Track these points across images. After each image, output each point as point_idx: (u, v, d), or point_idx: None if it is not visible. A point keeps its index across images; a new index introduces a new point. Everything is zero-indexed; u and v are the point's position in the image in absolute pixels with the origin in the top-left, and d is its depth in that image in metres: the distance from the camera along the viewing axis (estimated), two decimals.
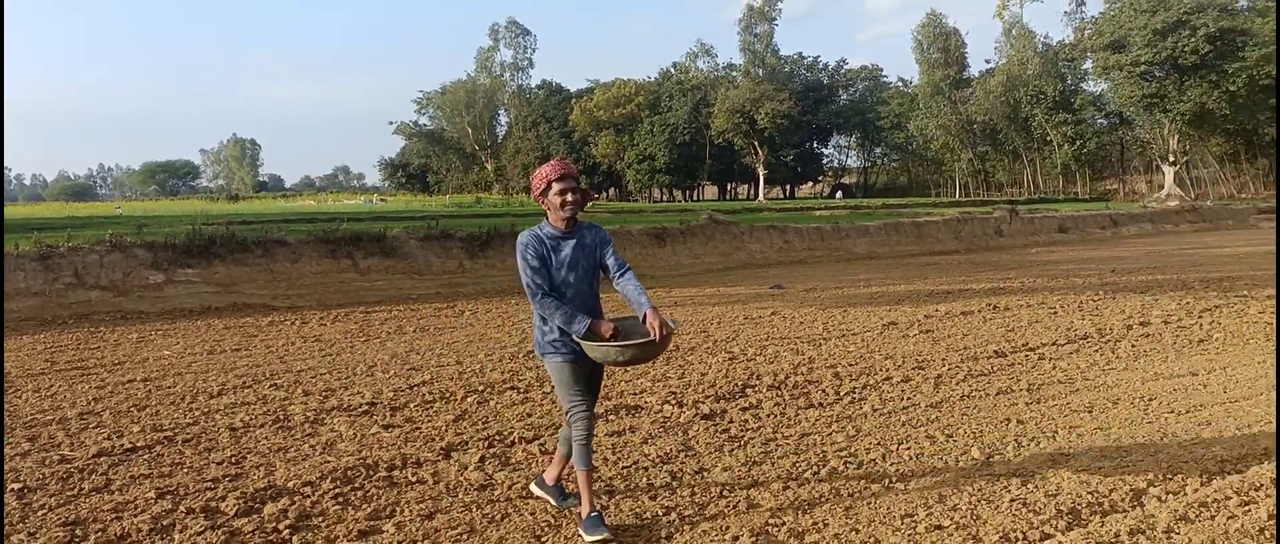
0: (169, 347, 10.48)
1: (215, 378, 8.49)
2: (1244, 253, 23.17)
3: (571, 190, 4.36)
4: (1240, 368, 8.41)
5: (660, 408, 7.04)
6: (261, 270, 15.50)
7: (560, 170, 4.39)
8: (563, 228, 4.42)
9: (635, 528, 4.56)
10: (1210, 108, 61.23)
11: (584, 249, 4.45)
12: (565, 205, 4.36)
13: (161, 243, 14.95)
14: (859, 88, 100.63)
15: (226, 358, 9.67)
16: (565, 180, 4.36)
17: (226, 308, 14.04)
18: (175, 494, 5.12)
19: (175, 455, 5.92)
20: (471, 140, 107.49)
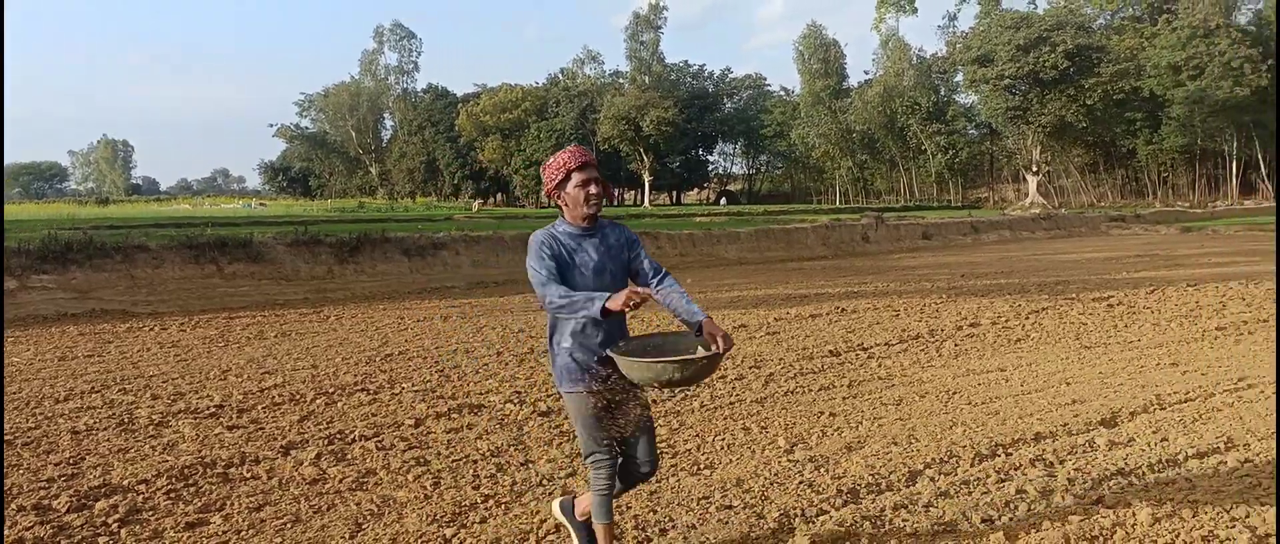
0: (19, 353, 10.37)
1: (63, 383, 8.50)
2: (1087, 259, 24.65)
3: (594, 181, 3.74)
4: (1043, 364, 9.18)
5: (502, 406, 7.39)
6: (122, 276, 15.30)
7: (580, 158, 3.76)
8: (584, 225, 3.78)
9: (452, 513, 4.90)
10: (1069, 120, 64.44)
11: (610, 251, 3.82)
12: (589, 199, 3.73)
13: (15, 248, 14.63)
14: (743, 96, 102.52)
15: (78, 364, 9.64)
16: (587, 169, 3.74)
17: (84, 314, 13.83)
18: (8, 494, 5.25)
19: (13, 458, 6.01)
20: (355, 144, 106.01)
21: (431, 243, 20.33)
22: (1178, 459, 5.72)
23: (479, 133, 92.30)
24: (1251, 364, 8.96)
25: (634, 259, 3.89)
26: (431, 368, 9.14)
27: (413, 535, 4.61)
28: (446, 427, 6.76)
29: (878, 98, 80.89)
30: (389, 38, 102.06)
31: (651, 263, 3.91)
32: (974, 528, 4.62)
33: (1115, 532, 4.53)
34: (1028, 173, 73.17)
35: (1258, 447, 5.97)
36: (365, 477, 5.57)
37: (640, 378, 3.47)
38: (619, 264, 3.83)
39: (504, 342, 10.87)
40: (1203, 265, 21.61)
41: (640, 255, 3.91)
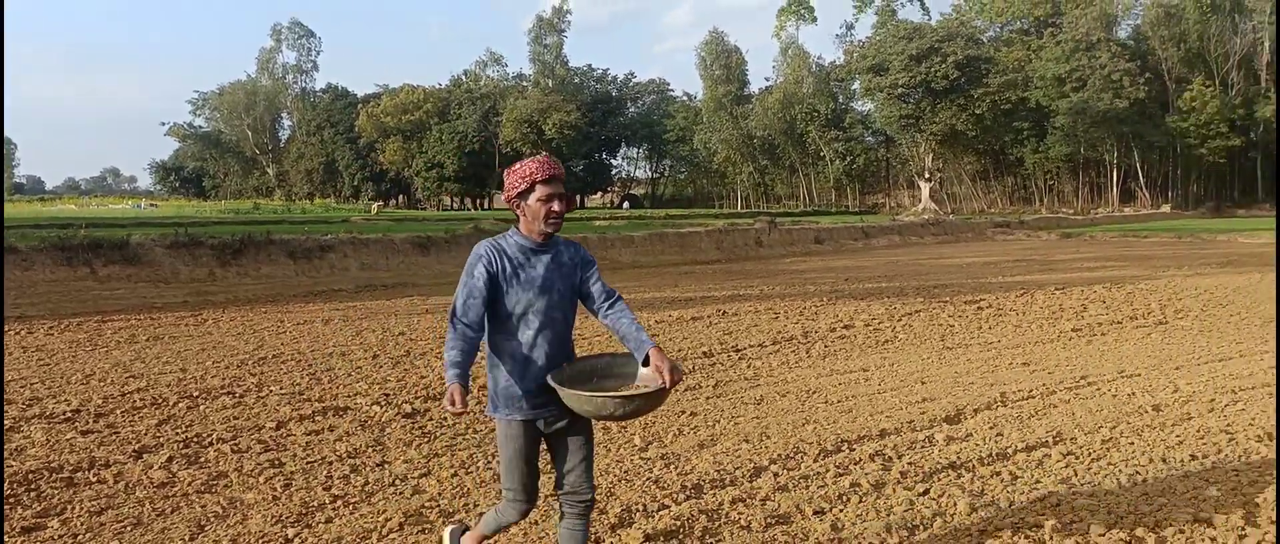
0: None
1: None
2: (968, 263, 25.52)
3: (559, 198, 3.53)
4: (905, 364, 9.55)
5: (368, 408, 7.41)
6: None
7: (548, 171, 3.54)
8: (538, 240, 3.58)
9: (298, 514, 4.93)
10: (959, 128, 66.42)
11: (562, 269, 3.61)
12: (550, 216, 3.53)
13: None
14: (647, 101, 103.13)
15: None
16: (553, 183, 3.52)
17: None
18: None
19: None
20: (251, 144, 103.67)
21: (319, 245, 20.06)
22: (1007, 453, 6.05)
23: (379, 134, 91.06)
24: (1096, 363, 9.46)
25: (585, 280, 3.66)
26: (303, 371, 9.08)
27: (254, 536, 4.63)
28: (307, 429, 6.75)
29: (778, 104, 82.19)
30: (287, 36, 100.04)
31: (603, 287, 3.66)
32: (805, 519, 4.83)
33: (935, 521, 4.79)
34: (920, 179, 75.23)
35: (1083, 440, 6.35)
36: (216, 479, 5.55)
37: (579, 410, 3.34)
38: (569, 284, 3.61)
39: (382, 345, 10.83)
40: (1074, 270, 22.57)
41: (593, 277, 3.66)
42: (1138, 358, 9.80)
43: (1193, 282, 18.48)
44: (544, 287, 3.52)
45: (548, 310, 3.52)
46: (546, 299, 3.52)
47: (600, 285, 3.65)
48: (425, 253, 21.45)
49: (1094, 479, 5.48)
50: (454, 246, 22.32)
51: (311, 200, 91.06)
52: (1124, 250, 31.01)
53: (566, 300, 3.61)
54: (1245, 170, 78.13)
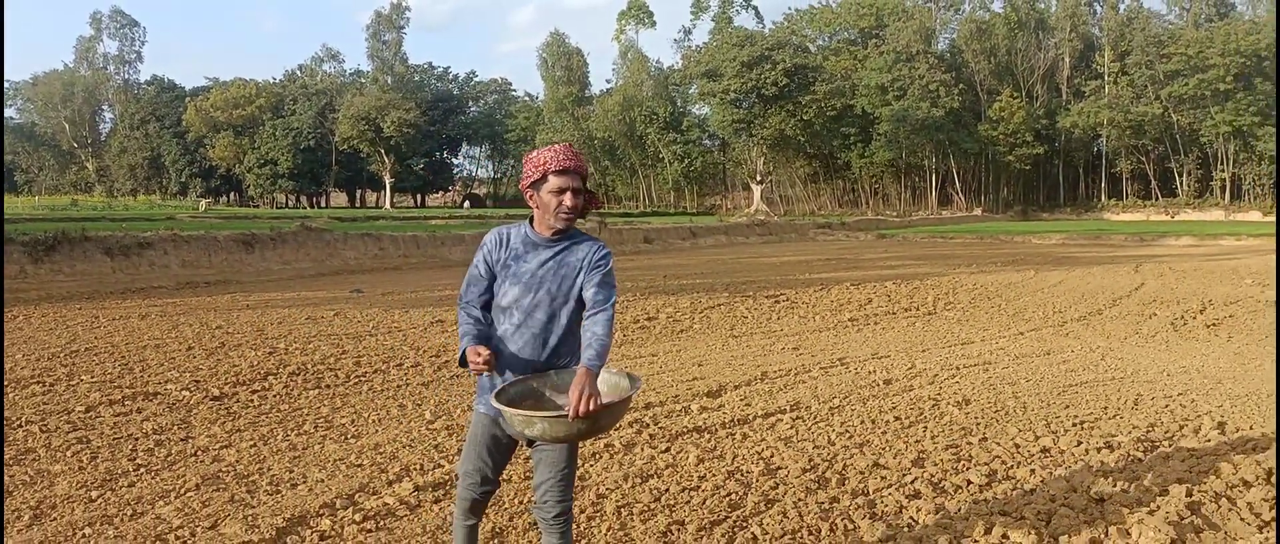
0: None
1: None
2: (784, 261, 27.10)
3: (573, 190, 3.30)
4: (691, 350, 10.56)
5: (177, 393, 7.86)
6: None
7: (564, 160, 3.30)
8: (546, 235, 3.38)
9: (103, 480, 5.46)
10: (788, 133, 69.26)
11: (564, 268, 3.35)
12: (561, 210, 3.31)
13: None
14: (489, 100, 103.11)
15: None
16: (569, 175, 3.29)
17: None
18: None
19: None
20: (69, 137, 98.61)
21: (137, 242, 19.86)
22: (748, 418, 7.05)
23: (209, 129, 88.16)
24: (857, 348, 10.70)
25: (586, 284, 3.33)
26: (116, 362, 9.40)
27: (60, 498, 5.15)
28: (116, 412, 7.19)
29: (618, 106, 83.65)
30: (108, 25, 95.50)
31: (598, 293, 3.29)
32: None
33: (666, 471, 5.70)
34: (753, 182, 77.99)
35: (815, 407, 7.42)
36: (23, 454, 5.99)
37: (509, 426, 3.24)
38: (565, 285, 3.34)
39: (198, 338, 11.17)
40: (876, 267, 24.36)
41: (592, 281, 3.31)
42: (894, 343, 11.11)
43: (974, 278, 20.34)
44: (530, 283, 3.34)
45: (530, 308, 3.33)
46: (531, 297, 3.33)
47: (594, 291, 3.30)
48: (250, 251, 21.47)
49: (810, 436, 6.52)
50: (280, 245, 22.39)
51: (135, 197, 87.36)
52: (927, 250, 33.37)
53: (556, 301, 3.35)
54: (1050, 176, 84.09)
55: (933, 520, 4.81)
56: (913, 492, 5.30)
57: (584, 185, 3.35)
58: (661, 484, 5.43)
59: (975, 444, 6.32)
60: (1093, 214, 74.69)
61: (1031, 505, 4.95)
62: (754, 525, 4.77)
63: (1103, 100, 73.99)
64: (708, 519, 4.85)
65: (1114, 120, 72.31)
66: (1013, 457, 6.02)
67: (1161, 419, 7.07)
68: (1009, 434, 6.58)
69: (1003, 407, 7.47)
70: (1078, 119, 74.71)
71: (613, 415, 3.09)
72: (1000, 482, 5.49)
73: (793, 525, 4.77)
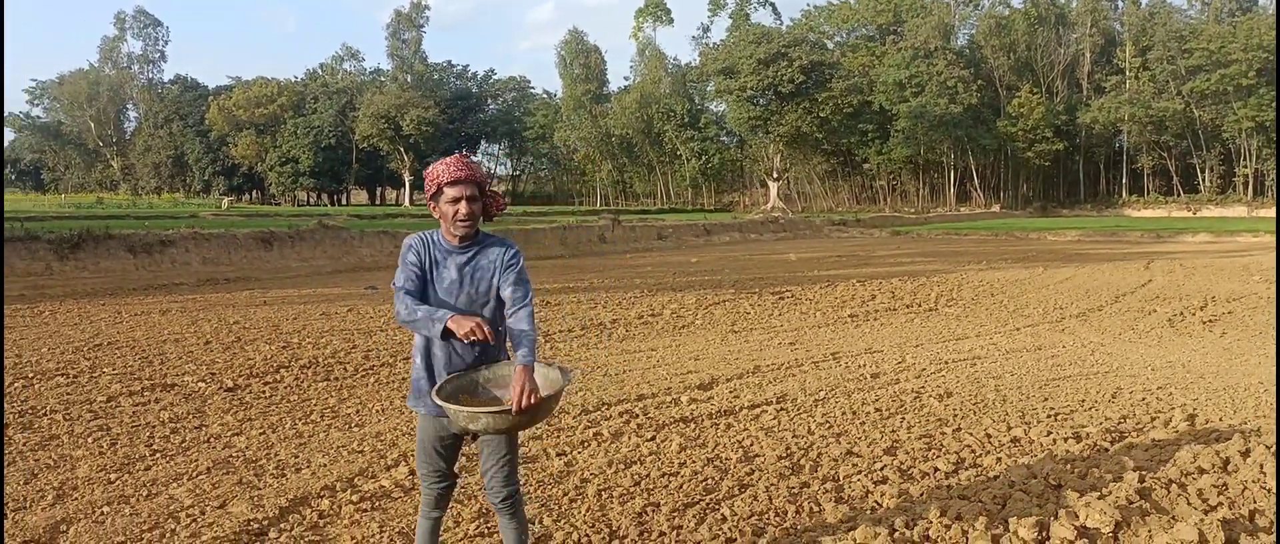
0: None
1: None
2: (795, 259, 27.35)
3: (468, 199, 3.48)
4: (690, 345, 10.87)
5: (194, 385, 8.25)
6: None
7: (454, 171, 3.49)
8: (457, 243, 3.56)
9: (122, 464, 5.84)
10: (805, 130, 69.38)
11: (478, 272, 3.54)
12: (457, 219, 3.49)
13: None
14: (507, 98, 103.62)
15: None
16: (459, 185, 3.47)
17: None
18: None
19: None
20: (94, 136, 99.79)
21: (159, 240, 20.36)
22: (734, 409, 7.37)
23: (232, 127, 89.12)
24: (852, 343, 10.98)
25: (502, 283, 3.53)
26: (136, 356, 9.80)
27: (82, 480, 5.53)
28: (135, 402, 7.58)
29: (635, 104, 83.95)
30: (132, 25, 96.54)
31: (516, 291, 3.50)
32: (548, 459, 6.00)
33: (649, 458, 6.02)
34: (769, 179, 78.17)
35: (801, 399, 7.72)
36: (48, 440, 6.38)
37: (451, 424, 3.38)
38: (484, 287, 3.54)
39: (215, 333, 11.57)
40: (886, 265, 24.59)
41: (508, 280, 3.52)
42: (889, 338, 11.38)
43: (981, 275, 20.54)
44: (450, 289, 3.51)
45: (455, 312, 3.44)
46: (453, 300, 3.50)
47: (512, 289, 3.50)
48: (269, 248, 21.95)
49: (791, 427, 6.83)
50: (298, 242, 22.86)
51: (159, 195, 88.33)
52: (940, 247, 33.53)
53: (476, 303, 3.53)
54: (1070, 173, 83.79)
55: (895, 503, 5.11)
56: (881, 478, 5.60)
57: (480, 192, 3.54)
58: (643, 470, 5.75)
59: (949, 434, 6.60)
60: (1113, 211, 74.41)
61: (989, 490, 5.24)
62: (725, 507, 5.08)
63: (1124, 96, 73.69)
64: (682, 502, 5.17)
65: (1135, 116, 72.01)
66: (983, 446, 6.30)
67: (1134, 412, 7.33)
68: (983, 425, 6.86)
69: (982, 399, 7.75)
70: (1098, 115, 74.43)
71: (547, 407, 3.34)
72: (966, 469, 5.78)
73: (761, 507, 5.09)
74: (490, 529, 4.75)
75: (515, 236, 29.86)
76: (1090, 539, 4.49)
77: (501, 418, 3.19)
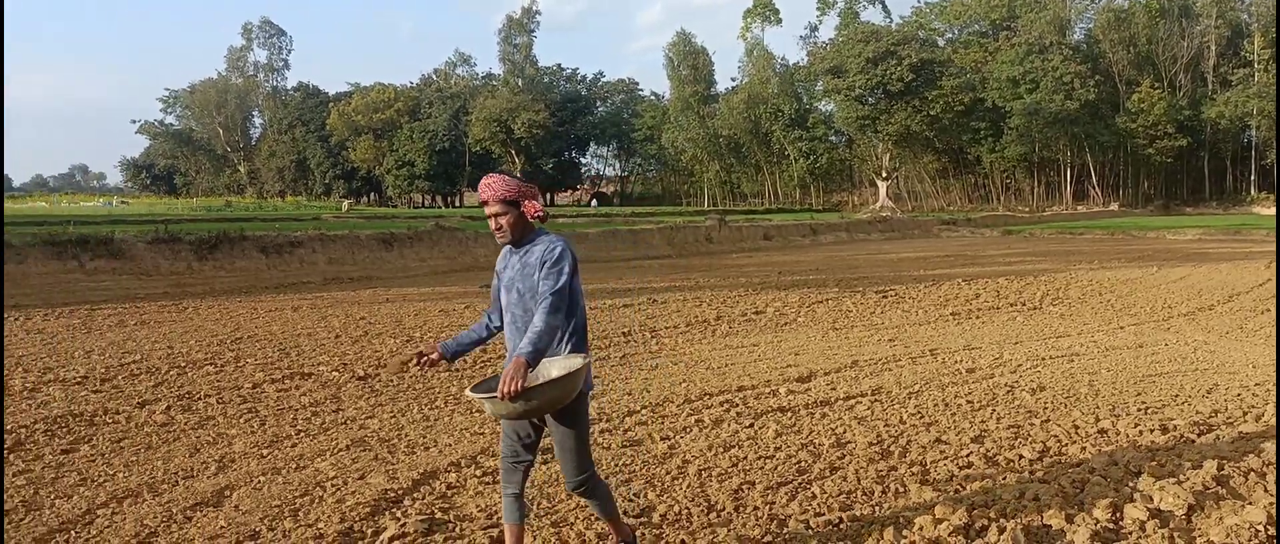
0: None
1: None
2: (902, 258, 27.31)
3: (495, 215, 3.86)
4: (790, 341, 11.22)
5: (328, 374, 8.98)
6: None
7: (481, 194, 3.90)
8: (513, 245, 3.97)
9: (270, 441, 6.52)
10: (914, 129, 68.52)
11: (526, 269, 3.87)
12: (496, 233, 3.93)
13: None
14: (616, 100, 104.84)
15: None
16: (487, 205, 3.86)
17: None
18: None
19: None
20: (223, 142, 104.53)
21: (288, 241, 21.58)
22: (830, 401, 7.72)
23: (351, 132, 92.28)
24: (950, 340, 11.18)
25: (541, 279, 3.80)
26: (274, 347, 10.65)
27: (238, 453, 6.22)
28: (278, 388, 8.32)
29: (743, 104, 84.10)
30: (258, 35, 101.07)
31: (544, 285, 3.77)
32: (653, 443, 6.47)
33: (746, 442, 6.44)
34: (878, 178, 77.39)
35: (895, 392, 8.03)
36: (205, 421, 7.13)
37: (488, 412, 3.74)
38: (529, 283, 3.84)
39: (344, 328, 12.40)
40: (994, 264, 24.40)
41: (541, 276, 3.80)
42: (989, 336, 11.53)
43: (1092, 275, 20.28)
44: (507, 285, 3.95)
45: (511, 307, 3.91)
46: (509, 297, 3.92)
47: (541, 284, 3.77)
48: (389, 249, 23.02)
49: (883, 417, 7.15)
50: (416, 243, 23.89)
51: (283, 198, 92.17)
52: (1052, 246, 32.95)
53: (526, 298, 3.84)
54: (1194, 169, 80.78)
55: (977, 486, 5.43)
56: (966, 463, 5.91)
57: (510, 207, 3.84)
58: (740, 453, 6.17)
59: (1037, 425, 6.84)
60: (1240, 208, 71.40)
61: (1069, 476, 5.50)
62: (815, 486, 5.47)
63: (1252, 89, 70.77)
64: (776, 481, 5.57)
65: (1264, 110, 69.02)
66: (1069, 437, 6.53)
67: (1227, 407, 7.43)
68: (1072, 417, 7.07)
69: (1074, 393, 7.93)
70: (1224, 109, 71.65)
71: (546, 393, 3.57)
72: (1050, 457, 6.04)
73: (850, 487, 5.46)
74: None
75: (623, 238, 30.51)
76: (1162, 521, 4.75)
77: (500, 405, 3.52)
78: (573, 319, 3.92)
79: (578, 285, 3.96)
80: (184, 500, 5.28)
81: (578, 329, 3.96)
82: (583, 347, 3.97)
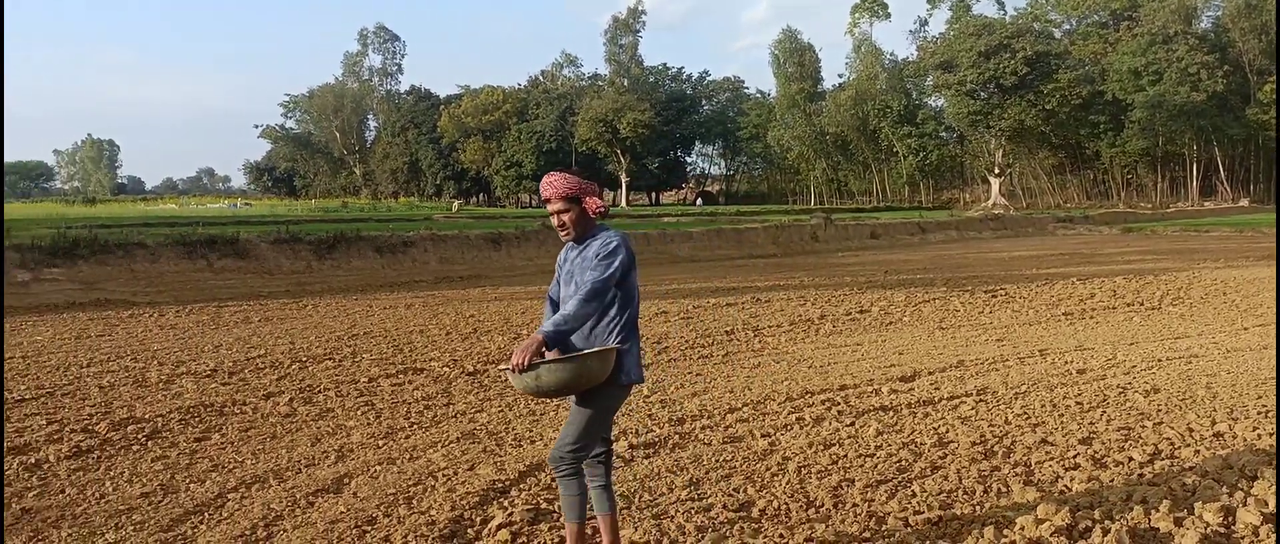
0: (40, 334, 12.22)
1: (84, 355, 10.38)
2: (1014, 257, 26.69)
3: (556, 212, 4.01)
4: (895, 340, 11.15)
5: (440, 369, 9.29)
6: (122, 270, 17.15)
7: (545, 191, 4.03)
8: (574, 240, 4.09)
9: (386, 432, 6.81)
10: (1028, 124, 66.67)
11: (584, 262, 3.97)
12: (561, 229, 4.06)
13: (28, 244, 16.46)
14: (721, 99, 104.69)
15: (92, 342, 11.50)
16: (550, 203, 4.00)
17: (90, 303, 15.68)
18: (60, 422, 7.12)
19: (57, 403, 7.88)
20: (339, 144, 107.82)
21: (402, 241, 22.27)
22: (934, 400, 7.67)
23: (461, 134, 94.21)
24: (1062, 341, 10.95)
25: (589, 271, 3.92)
26: (389, 344, 11.05)
27: (355, 444, 6.52)
28: (392, 383, 8.66)
29: (850, 101, 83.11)
30: (373, 40, 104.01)
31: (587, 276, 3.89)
32: (753, 439, 6.55)
33: (847, 440, 6.47)
34: (991, 175, 75.54)
35: (1002, 392, 7.93)
36: (325, 412, 7.48)
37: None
38: (584, 276, 3.92)
39: (454, 325, 12.77)
40: (1112, 263, 23.68)
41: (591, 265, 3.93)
42: (1102, 336, 11.25)
43: (1216, 274, 19.53)
44: (566, 278, 4.07)
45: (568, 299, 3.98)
46: (567, 290, 4.03)
47: (590, 274, 3.88)
48: (497, 248, 23.54)
49: (988, 417, 7.09)
50: (523, 243, 24.37)
51: (396, 199, 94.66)
52: (1175, 245, 31.75)
53: None
54: None
55: (1083, 488, 5.36)
56: (1072, 464, 5.83)
57: (572, 203, 3.96)
58: (840, 451, 6.20)
59: (1149, 428, 6.69)
60: None
61: (1180, 479, 5.39)
62: (916, 485, 5.47)
63: None
64: (876, 479, 5.59)
65: None
66: (1182, 439, 6.37)
67: None
68: (1186, 420, 6.89)
69: (1191, 396, 7.71)
70: None
71: (554, 373, 3.72)
72: (1161, 460, 5.91)
73: (951, 486, 5.45)
74: None
75: (728, 236, 30.53)
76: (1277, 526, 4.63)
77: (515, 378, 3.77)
78: (625, 313, 4.02)
79: (633, 281, 4.05)
80: (306, 487, 5.57)
81: (629, 323, 4.04)
82: (632, 340, 4.05)
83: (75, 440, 6.57)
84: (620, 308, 3.99)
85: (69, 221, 28.95)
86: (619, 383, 4.02)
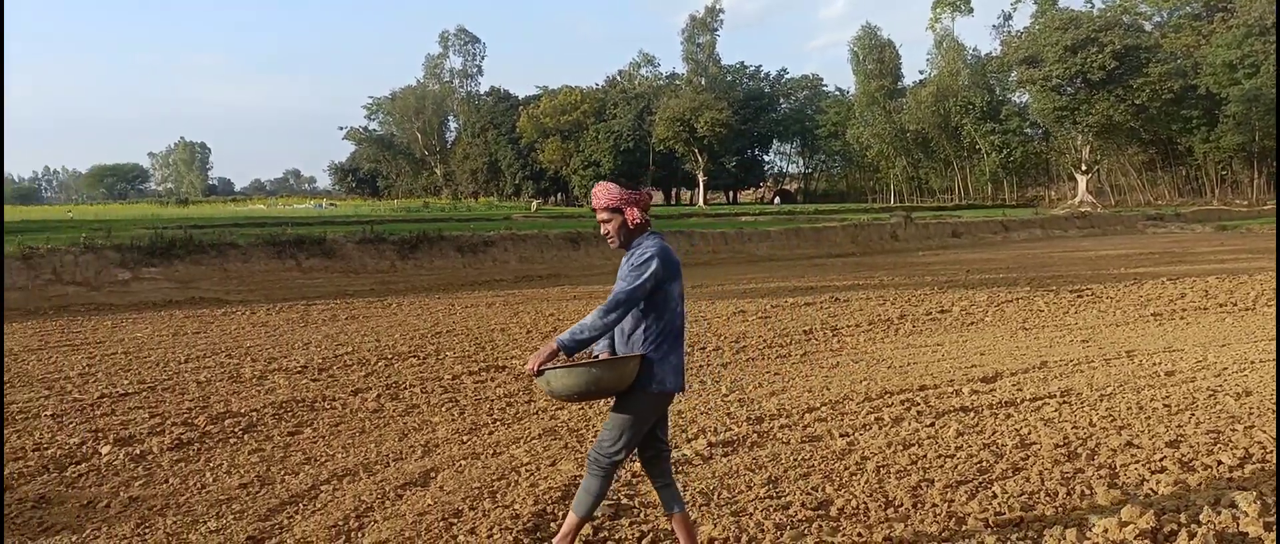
0: (140, 330, 12.73)
1: (181, 350, 10.80)
2: (1101, 256, 26.09)
3: (602, 222, 4.11)
4: (976, 340, 11.02)
5: (521, 367, 9.46)
6: (216, 269, 17.74)
7: (594, 201, 4.12)
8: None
9: (470, 428, 6.98)
10: (1116, 120, 64.94)
11: (622, 270, 4.04)
12: (607, 237, 4.16)
13: (128, 245, 17.15)
14: (799, 97, 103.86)
15: (189, 338, 11.95)
16: (599, 212, 4.10)
17: (185, 301, 16.26)
18: (162, 416, 7.45)
19: (158, 397, 8.23)
20: (421, 146, 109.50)
21: (482, 241, 22.62)
22: (1016, 402, 7.60)
23: (539, 134, 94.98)
24: (1150, 342, 10.72)
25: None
26: (471, 342, 11.28)
27: (441, 439, 6.70)
28: (475, 380, 8.85)
29: (931, 97, 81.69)
30: (453, 42, 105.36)
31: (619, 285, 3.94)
32: (832, 439, 6.57)
33: (927, 441, 6.45)
34: (1077, 172, 73.75)
35: (1086, 394, 7.81)
36: (412, 408, 7.69)
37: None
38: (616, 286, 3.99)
39: (535, 323, 12.97)
40: (1203, 262, 23.01)
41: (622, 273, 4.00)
42: (1192, 337, 10.98)
43: None
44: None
45: None
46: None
47: (619, 283, 3.95)
48: (576, 248, 23.78)
49: (1071, 418, 7.00)
50: (601, 242, 24.48)
51: (476, 198, 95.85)
52: (1273, 243, 30.69)
53: None
54: None
55: (1169, 491, 5.28)
56: (1158, 468, 5.74)
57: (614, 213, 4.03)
58: (920, 451, 6.20)
59: (1239, 431, 6.54)
60: None
61: (1271, 483, 5.28)
62: (997, 486, 5.45)
63: None
64: (955, 480, 5.58)
65: None
66: (1274, 444, 6.22)
67: None
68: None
69: None
70: None
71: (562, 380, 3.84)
72: (1252, 464, 5.79)
73: (1032, 488, 5.41)
74: None
75: (806, 235, 30.36)
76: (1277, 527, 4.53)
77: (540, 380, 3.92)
78: (660, 321, 4.01)
79: (673, 290, 4.04)
80: (395, 480, 5.76)
81: (666, 333, 4.03)
82: (673, 351, 4.06)
83: (176, 433, 6.87)
84: (656, 316, 3.99)
85: (164, 222, 29.98)
86: (649, 391, 4.00)
